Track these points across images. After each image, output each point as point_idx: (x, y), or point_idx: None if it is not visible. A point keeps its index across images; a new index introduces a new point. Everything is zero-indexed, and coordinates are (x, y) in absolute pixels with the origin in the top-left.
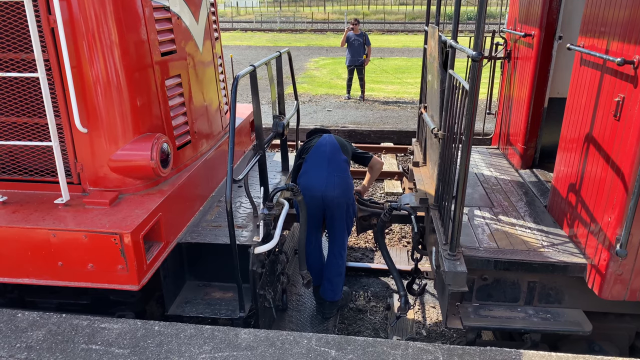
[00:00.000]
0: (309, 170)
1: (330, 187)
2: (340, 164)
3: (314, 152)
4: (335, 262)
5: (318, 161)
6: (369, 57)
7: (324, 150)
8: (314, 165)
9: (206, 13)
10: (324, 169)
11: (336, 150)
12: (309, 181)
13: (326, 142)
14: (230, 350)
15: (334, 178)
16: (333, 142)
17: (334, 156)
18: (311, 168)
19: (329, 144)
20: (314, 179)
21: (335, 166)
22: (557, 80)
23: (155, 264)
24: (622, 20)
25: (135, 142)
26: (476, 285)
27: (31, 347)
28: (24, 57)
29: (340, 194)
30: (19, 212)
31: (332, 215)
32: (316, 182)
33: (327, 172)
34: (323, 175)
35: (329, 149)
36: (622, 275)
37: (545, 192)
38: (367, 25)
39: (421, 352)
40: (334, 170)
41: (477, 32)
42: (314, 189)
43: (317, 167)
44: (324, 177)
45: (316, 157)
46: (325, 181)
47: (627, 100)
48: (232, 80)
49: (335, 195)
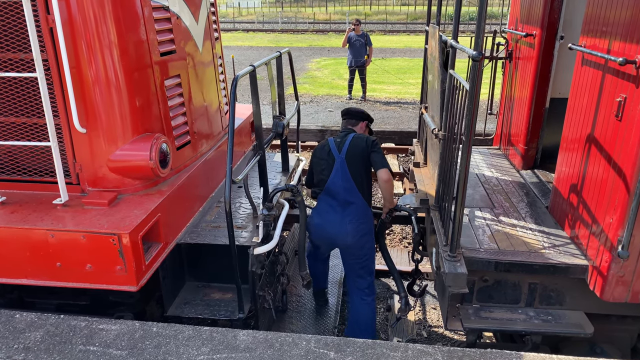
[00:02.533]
0: (321, 211)
1: (343, 234)
2: (357, 205)
3: (327, 192)
4: (361, 310)
5: (331, 202)
6: (371, 57)
7: (337, 191)
8: (326, 205)
9: (206, 13)
10: (337, 213)
11: (350, 185)
12: (322, 225)
13: (339, 177)
14: (229, 352)
15: (347, 226)
16: (346, 174)
17: (347, 197)
18: (324, 209)
19: (343, 179)
20: (326, 223)
21: (352, 211)
22: (558, 80)
23: (154, 264)
24: (623, 20)
25: (134, 142)
26: (477, 287)
27: (29, 348)
28: (22, 57)
29: (353, 242)
30: (18, 212)
31: (346, 261)
32: (329, 228)
33: (341, 217)
34: (336, 220)
35: (341, 190)
36: (623, 277)
37: (547, 193)
38: (368, 25)
39: (421, 354)
40: (348, 215)
41: (478, 32)
42: (327, 234)
43: (331, 209)
44: (337, 223)
45: (328, 197)
46: (338, 227)
47: (629, 100)
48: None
49: (348, 244)
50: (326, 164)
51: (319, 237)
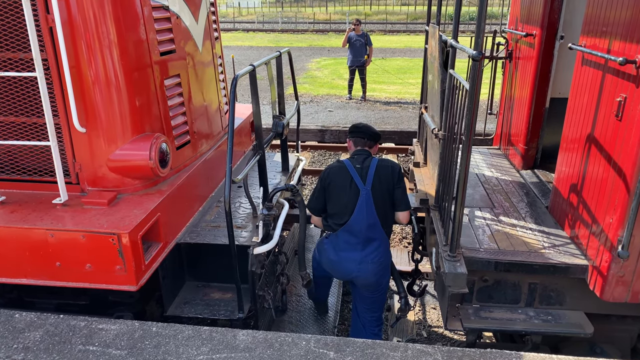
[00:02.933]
0: (338, 248)
1: (364, 274)
2: (380, 243)
3: (347, 228)
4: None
5: (350, 240)
6: (371, 57)
7: (360, 229)
8: (344, 242)
9: (206, 13)
10: (358, 251)
11: (374, 222)
12: (339, 262)
13: (364, 213)
14: (228, 352)
15: (369, 265)
16: (371, 209)
17: (370, 235)
18: (341, 246)
19: (368, 215)
20: (344, 262)
21: (374, 249)
22: (558, 80)
23: (154, 264)
24: (624, 20)
25: (134, 142)
26: (476, 287)
27: (28, 348)
28: (22, 56)
29: (373, 281)
30: (17, 212)
31: (360, 293)
32: (347, 266)
33: (362, 255)
34: (356, 258)
35: (365, 227)
36: (623, 277)
37: (547, 193)
38: (368, 25)
39: (420, 354)
40: (370, 254)
41: (478, 32)
42: (343, 272)
43: (350, 247)
44: (357, 262)
45: (348, 234)
46: (358, 266)
47: (629, 100)
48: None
49: (369, 282)
50: (348, 196)
51: (333, 272)
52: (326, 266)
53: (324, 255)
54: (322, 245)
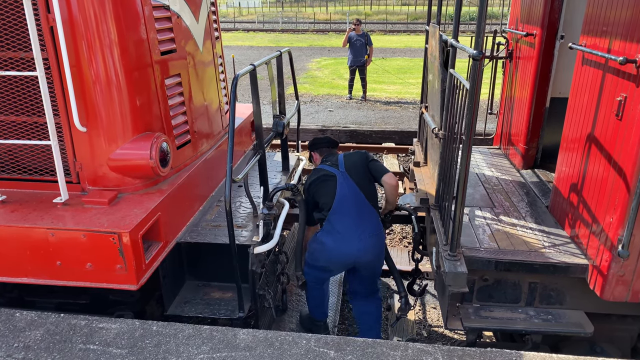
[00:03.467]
0: (333, 232)
1: (363, 250)
2: (371, 215)
3: (336, 210)
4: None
5: (343, 220)
6: (371, 57)
7: (348, 205)
8: (338, 225)
9: (206, 12)
10: (353, 230)
11: (359, 197)
12: (337, 247)
13: (346, 189)
14: (229, 351)
15: (368, 240)
16: (352, 185)
17: (361, 208)
18: (336, 229)
19: (350, 191)
20: (342, 244)
21: (368, 222)
22: (558, 79)
23: (154, 263)
24: (624, 20)
25: (135, 141)
26: (477, 286)
27: (29, 347)
28: (23, 55)
29: (374, 257)
30: (18, 211)
31: (361, 276)
32: (346, 247)
33: (359, 232)
34: (354, 237)
35: (352, 203)
36: (624, 276)
37: (547, 193)
38: (369, 25)
39: (421, 353)
40: (366, 229)
41: (478, 31)
42: (344, 255)
43: (344, 228)
44: (356, 240)
45: (339, 215)
46: (357, 244)
47: (629, 99)
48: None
49: (369, 259)
50: (327, 184)
51: (334, 260)
52: (328, 259)
53: (321, 249)
54: (316, 240)
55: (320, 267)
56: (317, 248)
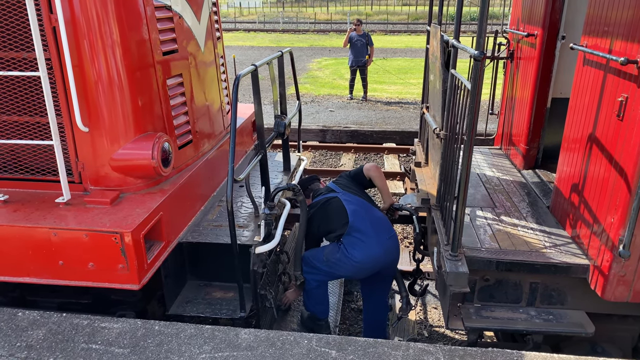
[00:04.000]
0: (356, 244)
1: (388, 253)
2: (383, 219)
3: (355, 221)
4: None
5: (363, 231)
6: (372, 57)
7: (362, 215)
8: (363, 235)
9: (208, 13)
10: (372, 237)
11: (366, 206)
12: (368, 253)
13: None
14: (231, 351)
15: (388, 242)
16: (356, 199)
17: (372, 215)
18: (363, 238)
19: (357, 204)
20: (372, 250)
21: (382, 227)
22: (560, 80)
23: (156, 263)
24: (625, 20)
25: (137, 141)
26: (478, 286)
27: (31, 346)
28: (25, 55)
29: (395, 257)
30: (20, 210)
31: (384, 277)
32: (375, 253)
33: (378, 237)
34: (377, 243)
35: (364, 211)
36: (625, 277)
37: (548, 193)
38: (369, 25)
39: (422, 353)
40: (384, 232)
41: (479, 32)
42: (375, 260)
43: (368, 237)
44: (379, 245)
45: (360, 226)
46: (381, 249)
47: (630, 100)
48: (234, 79)
49: (392, 259)
50: (332, 207)
51: (360, 272)
52: (353, 270)
53: (346, 262)
54: (339, 252)
55: (339, 276)
56: (341, 260)
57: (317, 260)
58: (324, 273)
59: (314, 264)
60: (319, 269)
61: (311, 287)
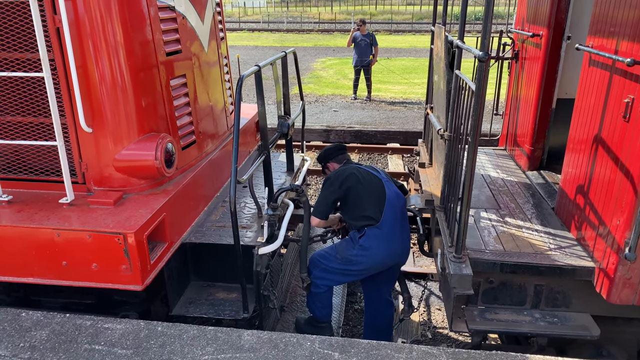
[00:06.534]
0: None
1: (404, 253)
2: (407, 219)
3: (388, 212)
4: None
5: (393, 224)
6: (376, 57)
7: (395, 209)
8: (389, 229)
9: (212, 13)
10: (398, 234)
11: (402, 201)
12: (387, 248)
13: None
14: (233, 352)
15: (407, 242)
16: (396, 190)
17: (404, 213)
18: (388, 232)
19: (396, 197)
20: (392, 245)
21: (406, 226)
22: (565, 80)
23: (159, 264)
24: (631, 21)
25: (140, 142)
26: (482, 288)
27: (34, 347)
28: (29, 56)
29: (406, 257)
30: (24, 211)
31: (391, 275)
32: (395, 249)
33: (401, 235)
34: (399, 240)
35: (398, 206)
36: (630, 279)
37: (553, 194)
38: (374, 25)
39: (425, 356)
40: (406, 232)
41: (484, 32)
42: (392, 256)
43: (393, 233)
44: (400, 243)
45: (390, 218)
46: (401, 247)
47: (636, 101)
48: (237, 80)
49: (404, 259)
50: (372, 185)
51: (379, 262)
52: (368, 263)
53: (363, 255)
54: (355, 247)
55: (352, 273)
56: (358, 254)
57: (328, 260)
58: (336, 272)
59: (325, 265)
60: (331, 268)
61: (320, 292)
